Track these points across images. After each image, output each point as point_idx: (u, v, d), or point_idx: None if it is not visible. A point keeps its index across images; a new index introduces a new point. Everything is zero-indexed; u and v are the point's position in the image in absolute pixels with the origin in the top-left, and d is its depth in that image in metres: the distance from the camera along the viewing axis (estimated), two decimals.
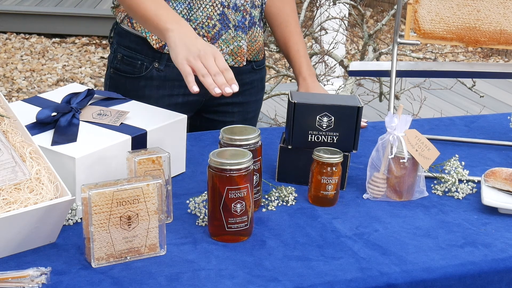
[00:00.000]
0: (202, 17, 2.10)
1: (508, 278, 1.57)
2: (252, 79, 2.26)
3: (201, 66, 1.80)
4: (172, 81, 2.17)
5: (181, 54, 1.83)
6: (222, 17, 2.11)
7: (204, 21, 2.11)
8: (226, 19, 2.12)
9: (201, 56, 1.81)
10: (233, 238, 1.59)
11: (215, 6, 2.10)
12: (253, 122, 2.36)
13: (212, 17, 2.11)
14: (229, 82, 1.80)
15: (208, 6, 2.10)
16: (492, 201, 1.75)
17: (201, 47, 1.83)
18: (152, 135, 1.77)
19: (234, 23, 2.14)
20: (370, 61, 4.04)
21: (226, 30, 2.13)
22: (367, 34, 4.22)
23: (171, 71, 2.14)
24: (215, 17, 2.11)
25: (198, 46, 1.83)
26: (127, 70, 2.18)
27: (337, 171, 1.75)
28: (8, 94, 5.78)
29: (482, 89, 5.20)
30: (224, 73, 1.80)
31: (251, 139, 1.68)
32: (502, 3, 2.03)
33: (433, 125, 2.27)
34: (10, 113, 1.63)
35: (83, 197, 1.46)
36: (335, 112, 1.80)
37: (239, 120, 2.27)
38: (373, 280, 1.49)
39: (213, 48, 1.84)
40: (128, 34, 2.17)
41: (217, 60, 1.82)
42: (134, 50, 2.16)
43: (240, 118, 2.29)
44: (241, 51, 2.16)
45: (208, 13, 2.10)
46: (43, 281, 1.42)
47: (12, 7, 7.11)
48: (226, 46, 2.14)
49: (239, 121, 2.27)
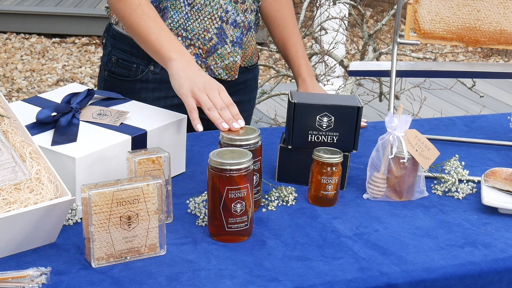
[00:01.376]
0: (198, 28, 2.09)
1: (508, 278, 1.57)
2: (245, 79, 2.26)
3: (207, 99, 1.79)
4: (168, 83, 2.16)
5: (186, 85, 1.82)
6: (220, 31, 2.10)
7: (201, 33, 2.09)
8: (223, 34, 2.11)
9: (206, 89, 1.80)
10: (233, 238, 1.59)
11: (213, 20, 2.09)
12: (248, 121, 2.35)
13: (209, 30, 2.09)
14: (235, 117, 1.78)
15: (206, 19, 2.08)
16: (492, 201, 1.75)
17: (206, 80, 1.82)
18: (152, 135, 1.77)
19: (231, 39, 2.13)
20: (370, 61, 4.04)
21: (223, 45, 2.12)
22: (367, 34, 4.22)
23: (166, 73, 2.14)
24: (212, 31, 2.10)
25: (203, 78, 1.83)
26: (122, 73, 2.17)
27: (337, 171, 1.75)
28: (8, 94, 5.78)
29: (482, 89, 5.20)
30: (229, 108, 1.79)
31: (251, 139, 1.68)
32: (502, 3, 2.03)
33: (433, 125, 2.27)
34: (10, 113, 1.63)
35: (83, 197, 1.46)
36: (335, 112, 1.80)
37: None
38: (373, 280, 1.49)
39: (217, 83, 1.83)
40: (123, 37, 2.16)
41: (222, 94, 1.81)
42: (130, 53, 2.15)
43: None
44: (235, 66, 2.16)
45: (205, 26, 2.09)
46: (43, 281, 1.42)
47: (12, 7, 7.12)
48: (221, 60, 2.13)
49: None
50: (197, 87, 1.81)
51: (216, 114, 1.77)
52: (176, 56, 1.87)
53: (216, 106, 1.79)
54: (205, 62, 2.13)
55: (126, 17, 1.96)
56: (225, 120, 1.76)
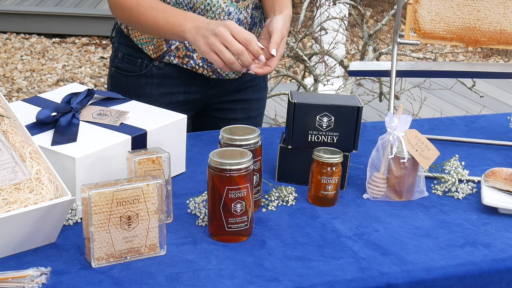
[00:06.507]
0: None
1: (508, 278, 1.57)
2: (253, 77, 2.26)
3: (223, 49, 1.82)
4: (172, 79, 2.17)
5: (202, 44, 1.86)
6: None
7: None
8: None
9: (219, 37, 1.83)
10: (233, 238, 1.59)
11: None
12: (258, 121, 2.35)
13: None
14: (255, 55, 1.83)
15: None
16: (492, 201, 1.75)
17: (213, 27, 1.84)
18: (152, 135, 1.77)
19: None
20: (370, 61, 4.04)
21: None
22: (367, 34, 4.22)
23: (171, 69, 2.14)
24: None
25: (211, 26, 1.85)
26: (127, 69, 2.18)
27: (337, 171, 1.75)
28: (8, 94, 5.78)
29: (482, 89, 5.20)
30: (248, 47, 1.83)
31: (251, 139, 1.68)
32: (502, 3, 2.03)
33: (433, 125, 2.27)
34: (10, 113, 1.63)
35: (83, 197, 1.46)
36: (335, 112, 1.80)
37: (241, 117, 2.27)
38: (373, 280, 1.49)
39: (226, 22, 1.85)
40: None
41: (234, 33, 1.83)
42: (135, 48, 2.16)
43: (243, 115, 2.28)
44: None
45: None
46: (43, 281, 1.42)
47: (12, 7, 7.11)
48: None
49: (242, 119, 2.26)
50: (210, 40, 1.84)
51: (237, 66, 1.83)
52: (186, 26, 1.89)
53: (233, 51, 1.83)
54: (211, 66, 2.13)
55: (133, 21, 2.01)
56: (245, 66, 1.83)
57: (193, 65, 2.14)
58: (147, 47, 2.13)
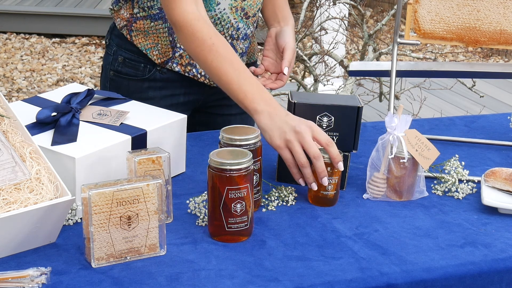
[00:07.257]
0: None
1: (508, 278, 1.57)
2: None
3: (300, 151, 1.72)
4: (174, 82, 2.16)
5: (276, 137, 1.74)
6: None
7: None
8: (233, 49, 2.08)
9: (298, 136, 1.72)
10: (233, 238, 1.59)
11: (226, 38, 2.07)
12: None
13: None
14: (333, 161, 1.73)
15: None
16: (492, 201, 1.75)
17: (295, 124, 1.73)
18: (152, 135, 1.77)
19: (240, 51, 2.13)
20: (370, 61, 4.04)
21: None
22: (367, 34, 4.22)
23: (173, 73, 2.14)
24: None
25: (291, 123, 1.74)
26: (129, 73, 2.16)
27: (337, 171, 1.75)
28: (8, 94, 5.78)
29: (482, 89, 5.20)
30: (327, 148, 1.72)
31: (251, 139, 1.68)
32: (502, 3, 2.03)
33: (433, 125, 2.27)
34: (10, 113, 1.63)
35: (83, 197, 1.46)
36: (335, 112, 1.80)
37: (237, 113, 2.26)
38: (373, 280, 1.49)
39: (307, 123, 1.74)
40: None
41: (315, 133, 1.73)
42: (137, 53, 2.14)
43: (238, 110, 2.25)
44: None
45: None
46: (43, 281, 1.42)
47: (12, 7, 7.11)
48: None
49: (238, 114, 2.26)
50: (288, 136, 1.73)
51: (309, 172, 1.73)
52: (260, 106, 1.78)
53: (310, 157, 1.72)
54: None
55: (201, 59, 1.86)
56: (305, 178, 1.74)
57: (195, 74, 2.13)
58: (152, 53, 2.11)
